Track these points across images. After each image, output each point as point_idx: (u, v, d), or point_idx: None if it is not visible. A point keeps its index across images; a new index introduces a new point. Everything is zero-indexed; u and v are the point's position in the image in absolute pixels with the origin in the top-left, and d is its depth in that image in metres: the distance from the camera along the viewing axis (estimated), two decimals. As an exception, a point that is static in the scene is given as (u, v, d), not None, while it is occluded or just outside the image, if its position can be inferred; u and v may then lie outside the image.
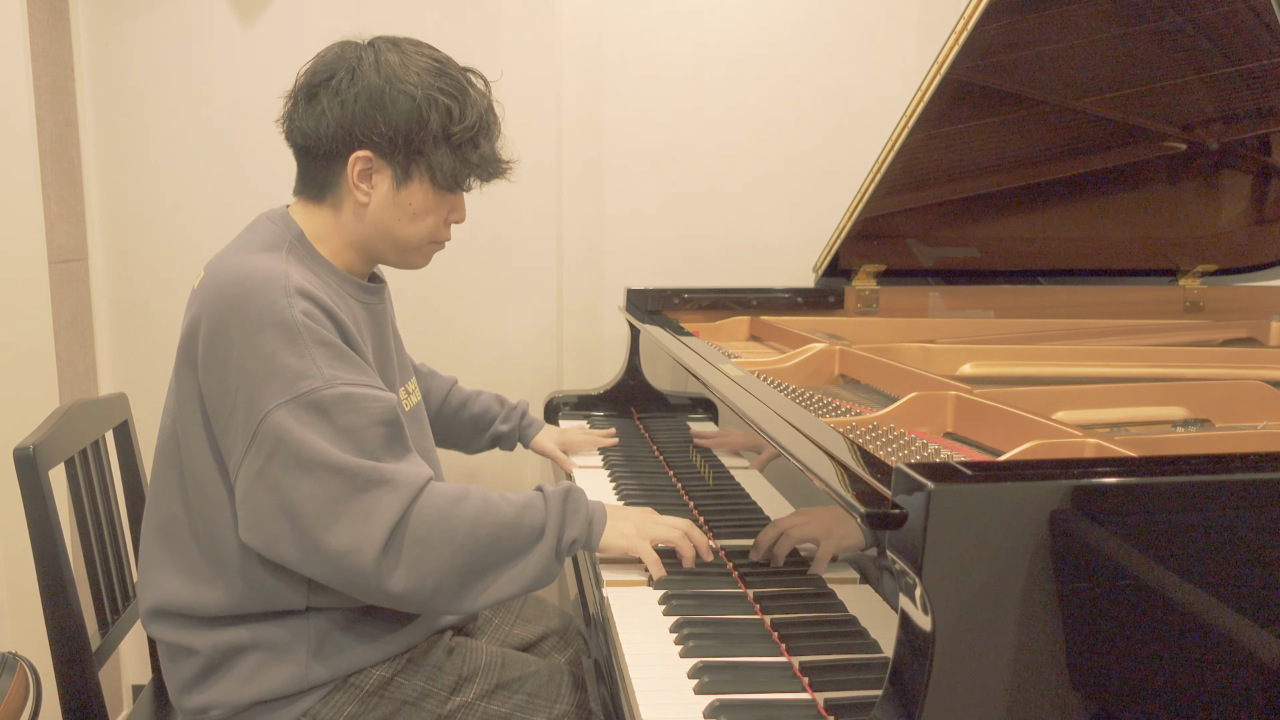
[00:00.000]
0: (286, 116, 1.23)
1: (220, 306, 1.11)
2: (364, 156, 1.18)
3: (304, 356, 1.09)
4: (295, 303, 1.10)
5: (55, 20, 2.04)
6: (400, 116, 1.17)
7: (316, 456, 1.06)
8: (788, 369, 1.55)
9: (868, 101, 2.31)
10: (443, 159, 1.20)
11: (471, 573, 1.12)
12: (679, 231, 2.35)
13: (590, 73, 2.27)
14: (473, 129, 1.20)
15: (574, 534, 1.18)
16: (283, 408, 1.07)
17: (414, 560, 1.08)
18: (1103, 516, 0.74)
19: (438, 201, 1.23)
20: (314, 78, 1.20)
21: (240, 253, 1.18)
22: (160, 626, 1.21)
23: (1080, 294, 2.16)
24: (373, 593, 1.09)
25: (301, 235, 1.22)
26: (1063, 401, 1.27)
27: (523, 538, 1.15)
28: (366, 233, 1.23)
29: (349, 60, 1.19)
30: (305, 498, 1.06)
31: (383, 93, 1.16)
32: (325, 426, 1.07)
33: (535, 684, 1.27)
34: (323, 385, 1.08)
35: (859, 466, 0.91)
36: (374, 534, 1.06)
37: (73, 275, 2.11)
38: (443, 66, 1.21)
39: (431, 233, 1.26)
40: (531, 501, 1.18)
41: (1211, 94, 1.79)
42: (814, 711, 0.92)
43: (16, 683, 1.06)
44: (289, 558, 1.08)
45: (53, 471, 1.26)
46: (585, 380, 2.34)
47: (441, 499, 1.11)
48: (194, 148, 2.17)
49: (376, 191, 1.20)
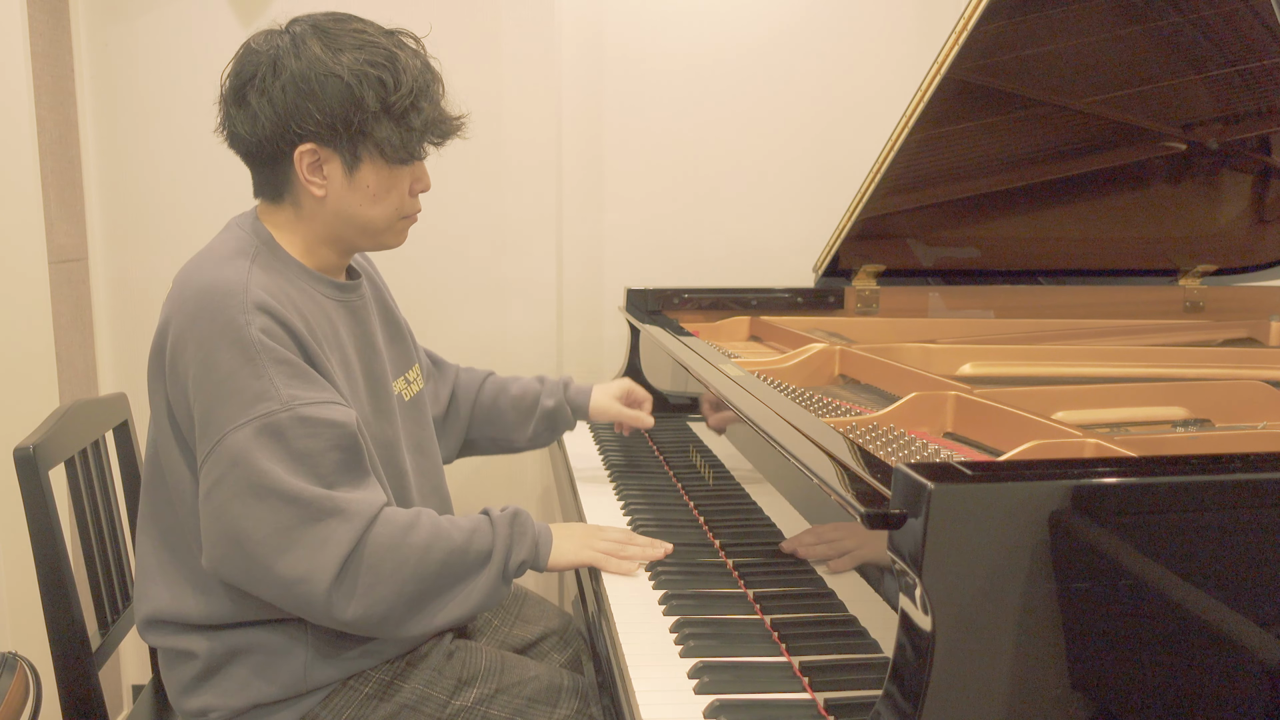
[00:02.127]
0: (222, 125, 1.19)
1: (182, 320, 1.10)
2: (308, 149, 1.15)
3: (261, 377, 1.07)
4: (254, 319, 1.08)
5: (55, 20, 2.04)
6: (333, 100, 1.12)
7: (269, 484, 1.04)
8: (788, 369, 1.55)
9: (868, 101, 2.31)
10: (388, 133, 1.14)
11: (421, 599, 1.12)
12: (679, 231, 2.35)
13: (590, 73, 2.27)
14: (411, 94, 1.14)
15: (521, 555, 1.19)
16: (239, 430, 1.05)
17: (365, 589, 1.08)
18: (1103, 516, 0.74)
19: (395, 177, 1.19)
20: (237, 79, 1.16)
21: (205, 263, 1.15)
22: (156, 634, 1.21)
23: (1080, 294, 2.16)
24: (321, 619, 1.09)
25: (270, 239, 1.19)
26: (1063, 401, 1.27)
27: (470, 562, 1.15)
28: (332, 224, 1.20)
29: (268, 53, 1.14)
30: (256, 524, 1.05)
31: (309, 80, 1.11)
32: (281, 451, 1.06)
33: (535, 688, 1.26)
34: (280, 408, 1.06)
35: (859, 466, 0.91)
36: (326, 564, 1.05)
37: (73, 275, 2.11)
38: (367, 37, 1.15)
39: (398, 209, 1.22)
40: (479, 526, 1.17)
41: (1211, 94, 1.79)
42: (814, 711, 0.92)
43: (16, 683, 1.06)
44: (237, 580, 1.08)
45: (53, 471, 1.26)
46: (585, 380, 2.33)
47: (393, 527, 1.10)
48: (194, 147, 2.17)
49: (330, 181, 1.17)
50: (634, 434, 1.77)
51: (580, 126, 2.28)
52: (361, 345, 1.27)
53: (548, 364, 2.31)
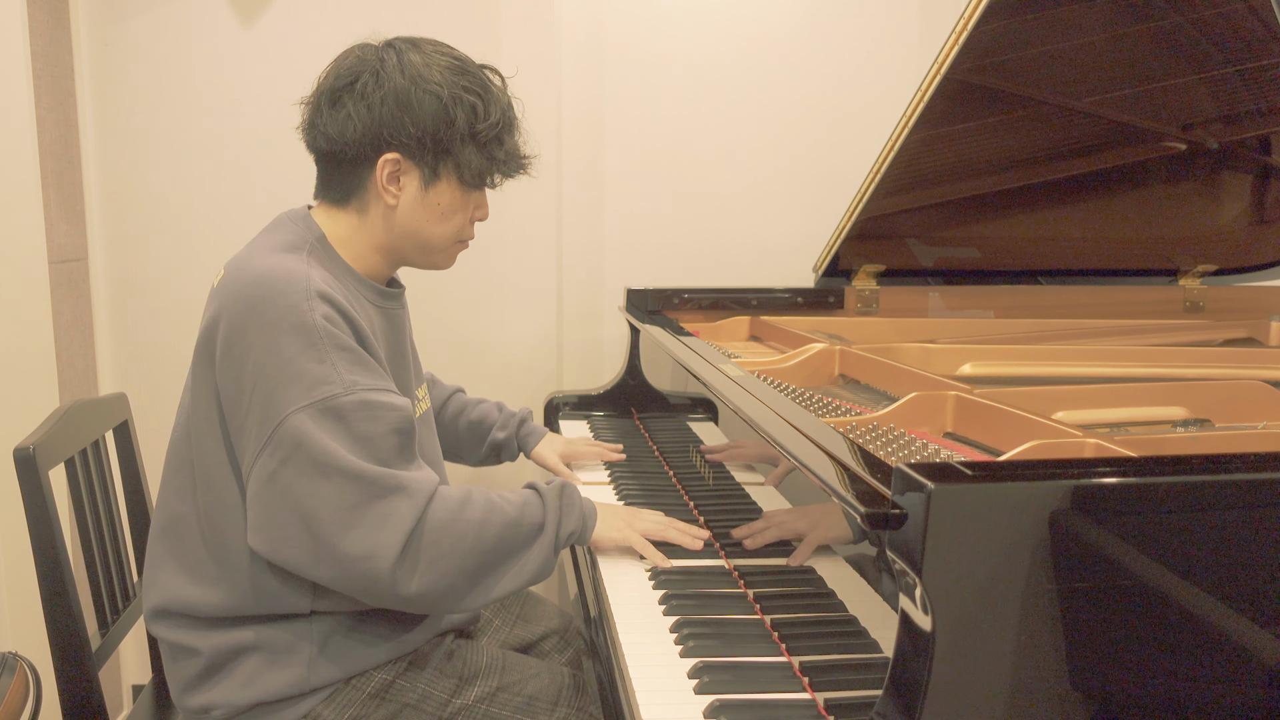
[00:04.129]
0: (308, 123, 1.22)
1: (241, 307, 1.11)
2: (393, 159, 1.18)
3: (324, 361, 1.09)
4: (316, 306, 1.10)
5: (55, 20, 2.04)
6: (428, 117, 1.17)
7: (334, 462, 1.06)
8: (788, 369, 1.55)
9: (868, 101, 2.31)
10: (470, 157, 1.20)
11: (480, 572, 1.14)
12: (679, 231, 2.35)
13: (590, 72, 2.27)
14: (497, 125, 1.21)
15: (571, 527, 1.21)
16: (301, 412, 1.07)
17: (428, 564, 1.09)
18: (1103, 516, 0.74)
19: (464, 200, 1.24)
20: (338, 81, 1.19)
21: (262, 252, 1.17)
22: (163, 626, 1.21)
23: (1080, 294, 2.16)
24: (385, 597, 1.10)
25: (323, 238, 1.22)
26: (1063, 401, 1.27)
27: (524, 535, 1.17)
28: (394, 235, 1.23)
29: (371, 63, 1.19)
30: (321, 503, 1.06)
31: (409, 94, 1.16)
32: (343, 433, 1.08)
33: (536, 687, 1.27)
34: (342, 391, 1.08)
35: (859, 466, 0.91)
36: (391, 540, 1.06)
37: (73, 275, 2.11)
38: (463, 65, 1.21)
39: (458, 232, 1.26)
40: (529, 500, 1.20)
41: (1211, 94, 1.79)
42: (814, 711, 0.92)
43: (16, 683, 1.06)
44: (297, 561, 1.08)
45: (53, 471, 1.26)
46: (585, 380, 2.34)
47: (450, 503, 1.13)
48: (194, 148, 2.17)
49: (405, 193, 1.21)
50: (634, 434, 1.78)
51: (580, 126, 2.28)
52: (394, 354, 1.29)
53: (548, 364, 2.31)
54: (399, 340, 1.31)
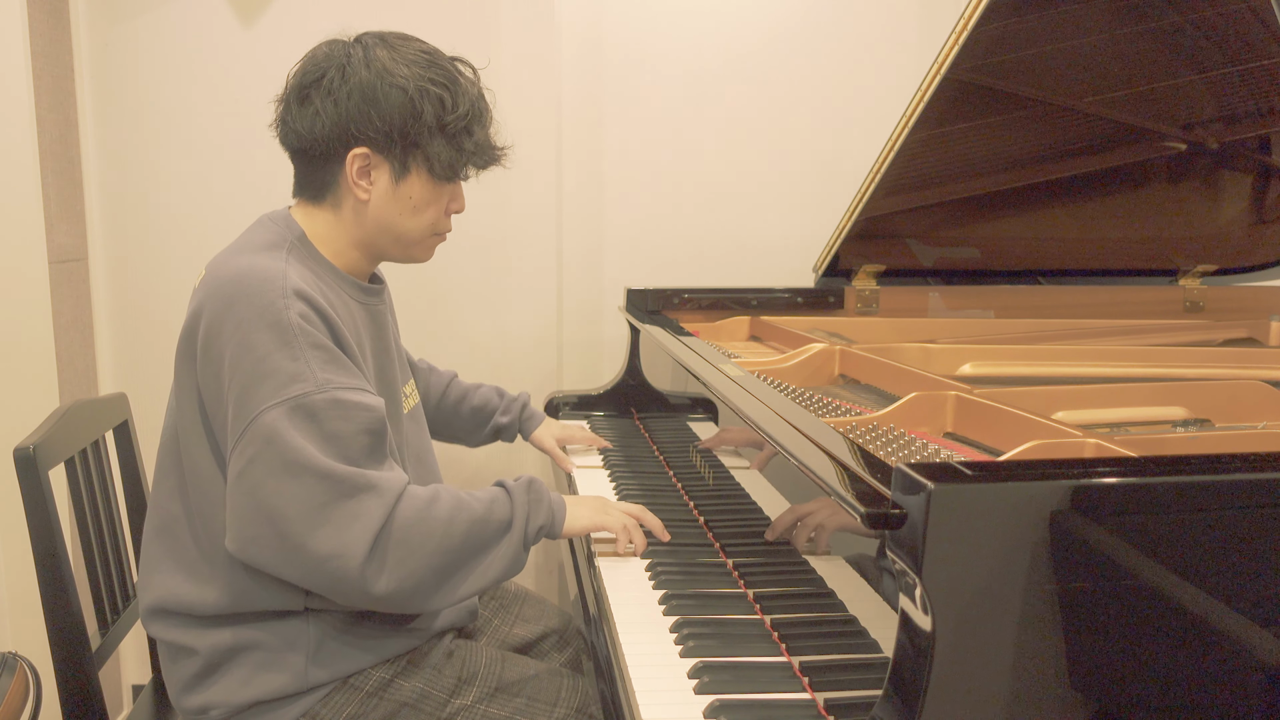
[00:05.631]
0: (280, 120, 1.23)
1: (218, 305, 1.11)
2: (361, 153, 1.19)
3: (297, 359, 1.09)
4: (292, 304, 1.10)
5: (55, 20, 2.04)
6: (394, 110, 1.17)
7: (303, 461, 1.06)
8: (788, 369, 1.55)
9: (868, 101, 2.31)
10: (439, 149, 1.20)
11: (448, 569, 1.13)
12: (679, 231, 2.35)
13: (590, 73, 2.27)
14: (466, 117, 1.21)
15: (540, 521, 1.21)
16: (274, 409, 1.07)
17: (396, 562, 1.09)
18: (1103, 516, 0.74)
19: (437, 192, 1.24)
20: (305, 78, 1.20)
21: (241, 252, 1.18)
22: (159, 625, 1.21)
23: (1080, 294, 2.16)
24: (353, 595, 1.09)
25: (303, 236, 1.22)
26: (1063, 401, 1.27)
27: (492, 531, 1.17)
28: (369, 230, 1.23)
29: (338, 58, 1.19)
30: (289, 501, 1.05)
31: (375, 88, 1.17)
32: (314, 431, 1.07)
33: (535, 687, 1.27)
34: (315, 389, 1.08)
35: (859, 466, 0.91)
36: (359, 538, 1.06)
37: (73, 275, 2.11)
38: (432, 58, 1.21)
39: (433, 224, 1.26)
40: (497, 496, 1.20)
41: (1211, 94, 1.79)
42: (814, 711, 0.92)
43: (16, 683, 1.06)
44: (266, 560, 1.08)
45: (53, 471, 1.26)
46: (585, 380, 2.34)
47: (418, 501, 1.12)
48: (194, 147, 2.17)
49: (376, 187, 1.21)
50: (634, 434, 1.79)
51: (580, 126, 2.28)
52: (378, 350, 1.29)
53: (548, 364, 2.31)
54: (383, 336, 1.31)
